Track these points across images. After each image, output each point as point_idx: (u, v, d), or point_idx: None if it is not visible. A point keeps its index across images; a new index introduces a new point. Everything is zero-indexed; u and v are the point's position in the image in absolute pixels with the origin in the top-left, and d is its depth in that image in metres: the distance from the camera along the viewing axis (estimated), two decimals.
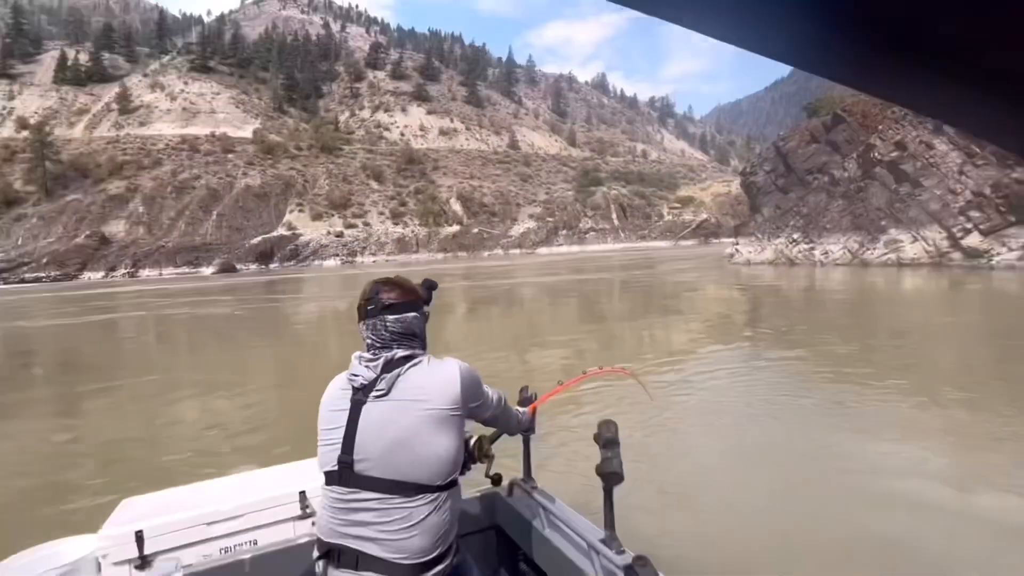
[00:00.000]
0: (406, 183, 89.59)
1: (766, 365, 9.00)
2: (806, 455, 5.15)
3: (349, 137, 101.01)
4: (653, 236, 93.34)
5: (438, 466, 1.42)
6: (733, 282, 25.97)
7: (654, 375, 8.34)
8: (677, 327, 13.85)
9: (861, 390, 7.26)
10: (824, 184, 35.44)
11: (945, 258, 27.93)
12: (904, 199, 30.63)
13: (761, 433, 5.89)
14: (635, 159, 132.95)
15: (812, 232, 34.53)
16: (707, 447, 5.53)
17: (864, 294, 19.69)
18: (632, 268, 38.44)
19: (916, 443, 5.39)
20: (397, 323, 1.50)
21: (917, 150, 30.79)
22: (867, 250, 31.10)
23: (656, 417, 6.23)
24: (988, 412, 6.21)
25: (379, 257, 74.56)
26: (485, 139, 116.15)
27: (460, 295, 25.44)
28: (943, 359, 9.18)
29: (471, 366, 1.55)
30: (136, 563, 2.26)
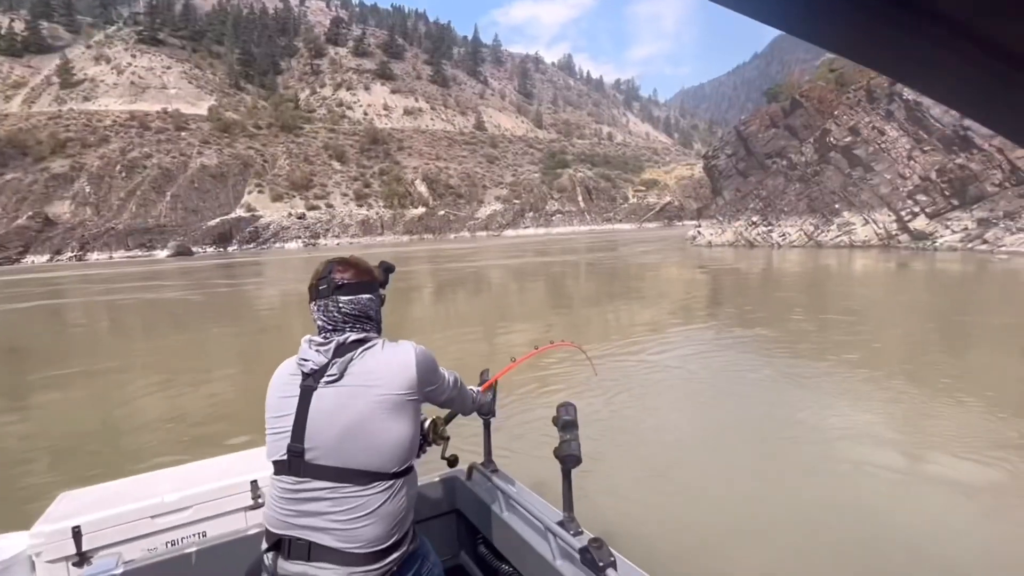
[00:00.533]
0: (370, 164, 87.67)
1: (728, 343, 9.23)
2: (764, 424, 5.35)
3: (310, 116, 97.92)
4: (618, 219, 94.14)
5: (393, 452, 1.37)
6: (695, 264, 26.48)
7: (619, 354, 8.47)
8: (641, 308, 14.04)
9: (816, 364, 7.55)
10: (782, 168, 36.33)
11: (894, 240, 29.13)
12: (857, 183, 31.70)
13: (723, 406, 6.09)
14: (601, 141, 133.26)
15: (770, 215, 35.44)
16: (671, 421, 5.64)
17: (819, 275, 20.38)
18: (597, 250, 38.77)
19: (865, 412, 5.65)
20: (350, 304, 1.44)
21: (870, 135, 31.81)
22: (822, 232, 32.14)
23: (621, 394, 6.34)
24: (929, 384, 6.52)
25: (343, 240, 73.09)
26: (451, 119, 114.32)
27: (427, 278, 25.20)
28: (890, 335, 9.58)
29: (427, 348, 1.49)
30: (74, 560, 2.15)
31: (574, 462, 1.71)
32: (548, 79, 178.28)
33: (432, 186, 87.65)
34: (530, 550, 1.85)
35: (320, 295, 1.45)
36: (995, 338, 9.12)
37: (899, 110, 31.44)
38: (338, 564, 1.32)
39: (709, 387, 6.87)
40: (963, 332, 9.82)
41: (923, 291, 15.70)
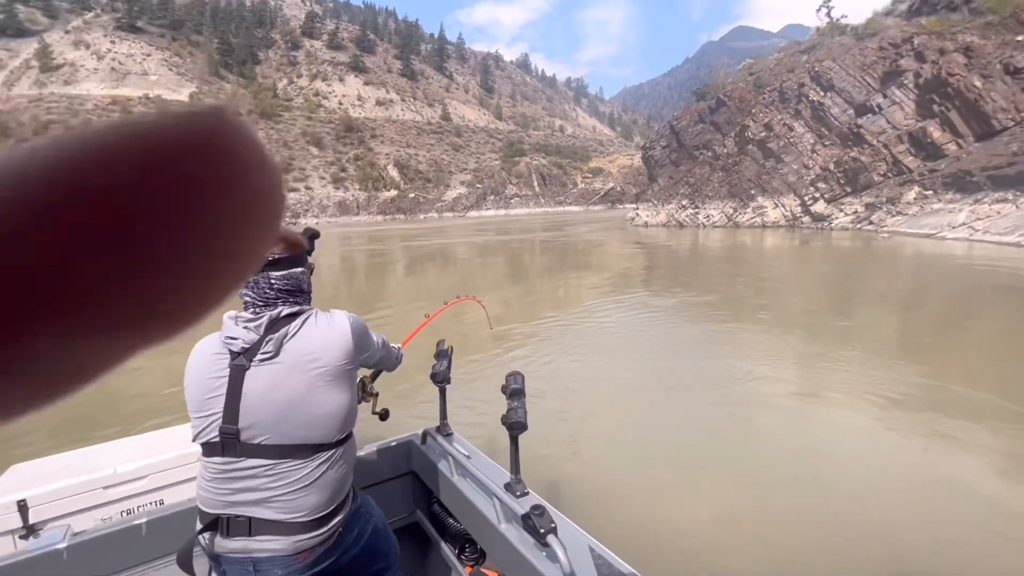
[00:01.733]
0: (345, 150, 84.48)
1: (658, 306, 9.32)
2: (688, 373, 5.41)
3: (288, 104, 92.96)
4: (568, 202, 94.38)
5: (335, 423, 1.24)
6: (633, 241, 26.79)
7: (568, 317, 8.44)
8: (587, 278, 14.08)
9: (733, 324, 7.71)
10: (708, 158, 36.91)
11: (798, 221, 30.20)
12: (769, 172, 32.54)
13: (654, 360, 6.12)
14: (554, 133, 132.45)
15: (697, 199, 36.10)
16: (611, 375, 5.64)
17: (736, 250, 20.92)
18: (551, 230, 38.73)
19: (770, 362, 5.80)
20: (283, 280, 1.26)
21: (781, 131, 32.57)
22: (739, 214, 32.99)
23: (569, 351, 6.30)
24: (824, 341, 6.74)
25: (322, 219, 70.57)
26: (419, 110, 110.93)
27: (400, 254, 24.65)
28: (793, 300, 9.90)
29: (356, 316, 1.36)
30: (20, 533, 1.88)
31: (520, 428, 1.62)
32: (507, 75, 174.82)
33: (403, 171, 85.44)
34: (477, 512, 1.75)
35: None
36: (876, 301, 9.54)
37: (805, 109, 32.25)
38: (282, 535, 1.19)
39: (646, 342, 6.92)
40: (851, 296, 10.24)
41: (821, 263, 16.33)
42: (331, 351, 1.24)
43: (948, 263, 14.95)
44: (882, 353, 6.08)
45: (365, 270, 19.25)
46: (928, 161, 25.52)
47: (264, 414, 1.18)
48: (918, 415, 4.47)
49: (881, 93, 28.87)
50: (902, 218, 24.34)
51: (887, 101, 28.30)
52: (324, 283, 16.06)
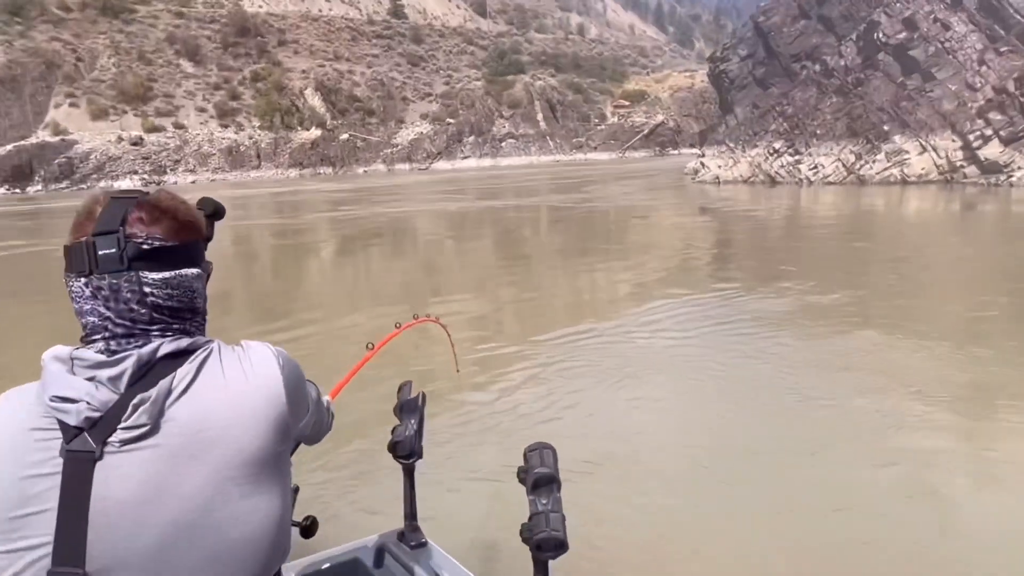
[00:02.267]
0: (238, 65, 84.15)
1: (760, 315, 9.11)
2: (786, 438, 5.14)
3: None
4: (593, 145, 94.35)
5: (258, 552, 1.08)
6: (697, 208, 26.60)
7: (606, 333, 8.22)
8: (626, 277, 13.88)
9: (846, 336, 7.49)
10: (815, 75, 36.78)
11: (958, 173, 30.11)
12: (912, 96, 32.46)
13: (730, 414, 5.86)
14: (568, 37, 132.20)
15: (798, 140, 36.00)
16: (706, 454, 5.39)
17: (865, 221, 20.76)
18: (566, 190, 38.57)
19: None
20: (165, 289, 1.08)
21: (930, 30, 32.46)
22: (866, 163, 32.88)
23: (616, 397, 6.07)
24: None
25: (201, 175, 70.45)
26: (355, 2, 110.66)
27: (326, 231, 24.43)
28: (943, 302, 9.69)
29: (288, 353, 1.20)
30: None
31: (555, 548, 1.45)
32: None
33: (330, 98, 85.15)
34: None
35: (99, 266, 1.03)
36: None
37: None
38: None
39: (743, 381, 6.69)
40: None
41: (995, 241, 16.16)
42: (252, 423, 1.06)
43: None
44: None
45: (271, 259, 18.99)
46: None
47: (134, 547, 0.98)
48: None
49: None
50: None
51: None
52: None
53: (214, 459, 1.02)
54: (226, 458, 1.03)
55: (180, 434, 1.01)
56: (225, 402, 1.06)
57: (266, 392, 1.09)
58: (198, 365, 1.07)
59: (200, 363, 1.07)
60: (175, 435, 1.01)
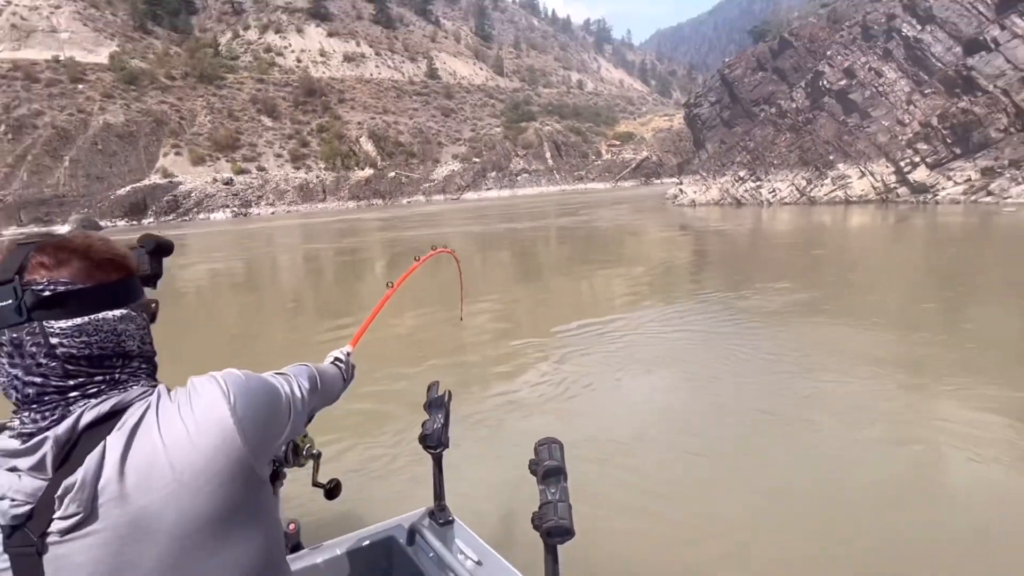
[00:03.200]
0: (306, 119, 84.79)
1: (723, 318, 8.92)
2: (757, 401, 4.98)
3: (233, 64, 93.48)
4: (591, 177, 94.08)
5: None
6: (677, 225, 26.33)
7: (598, 324, 8.07)
8: (617, 277, 13.69)
9: (809, 326, 7.29)
10: (771, 116, 36.40)
11: (892, 194, 29.57)
12: (852, 131, 31.99)
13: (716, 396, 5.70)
14: (570, 90, 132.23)
15: (759, 169, 35.59)
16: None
17: (814, 233, 20.40)
18: (569, 214, 38.35)
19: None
20: (79, 337, 0.81)
21: (866, 78, 31.99)
22: (815, 187, 32.43)
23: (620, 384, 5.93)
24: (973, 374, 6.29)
25: (279, 207, 70.87)
26: (399, 67, 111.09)
27: (378, 249, 24.45)
28: (886, 297, 9.43)
29: (244, 374, 0.92)
30: None
31: (563, 535, 1.33)
32: (509, 19, 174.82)
33: (380, 144, 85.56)
34: None
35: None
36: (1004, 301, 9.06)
37: (897, 48, 31.64)
38: None
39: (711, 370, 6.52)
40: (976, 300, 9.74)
41: (926, 248, 15.80)
42: (202, 484, 0.80)
43: None
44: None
45: (335, 271, 19.01)
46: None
47: None
48: None
49: (998, 23, 28.18)
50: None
51: (1006, 34, 27.62)
52: (284, 291, 15.82)
53: (166, 533, 0.78)
54: (181, 528, 0.79)
55: (121, 513, 0.76)
56: (167, 467, 0.78)
57: (216, 444, 0.81)
58: (130, 430, 0.79)
59: (132, 427, 0.80)
60: (116, 516, 0.76)
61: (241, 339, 10.26)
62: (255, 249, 27.85)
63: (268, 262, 22.45)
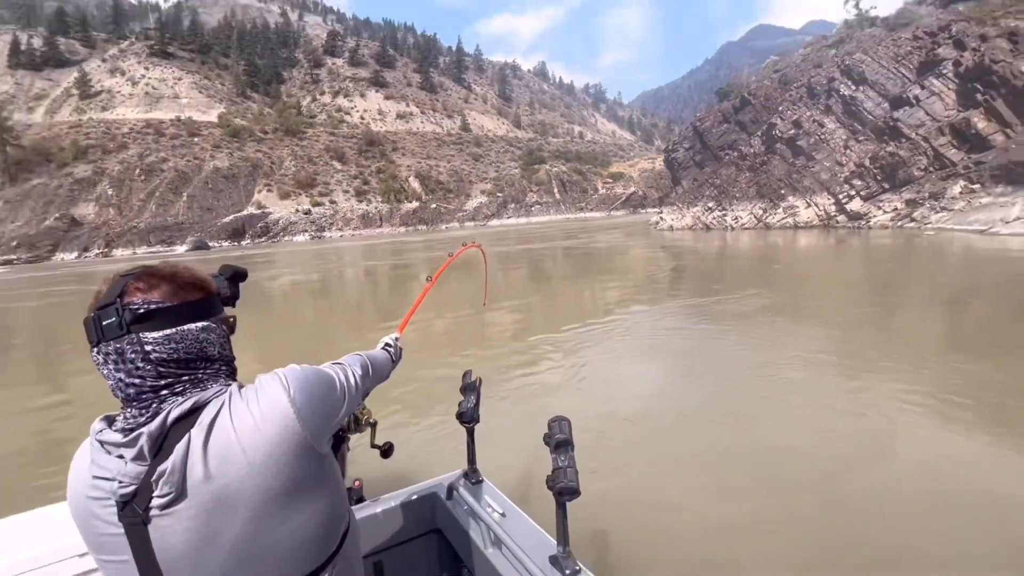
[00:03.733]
0: (368, 163, 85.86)
1: (692, 311, 8.80)
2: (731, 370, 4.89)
3: (312, 121, 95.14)
4: (589, 208, 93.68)
5: (316, 549, 0.87)
6: (659, 245, 26.10)
7: (601, 323, 8.00)
8: (613, 286, 13.59)
9: (772, 324, 7.14)
10: (734, 159, 35.97)
11: (832, 220, 29.01)
12: (800, 170, 31.46)
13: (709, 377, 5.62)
14: (573, 140, 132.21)
15: (724, 201, 35.15)
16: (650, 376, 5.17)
17: (768, 251, 20.09)
18: (573, 236, 38.23)
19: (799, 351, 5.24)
20: (167, 344, 0.81)
21: (811, 128, 31.49)
22: (769, 215, 31.94)
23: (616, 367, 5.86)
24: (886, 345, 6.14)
25: (346, 232, 71.69)
26: (439, 122, 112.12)
27: (422, 265, 24.59)
28: (831, 302, 9.22)
29: (302, 369, 0.89)
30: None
31: (571, 494, 1.31)
32: (525, 84, 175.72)
33: (424, 182, 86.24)
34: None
35: (105, 335, 0.79)
36: (918, 304, 8.81)
37: (836, 104, 31.13)
38: None
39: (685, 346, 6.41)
40: (898, 304, 9.49)
41: (861, 263, 15.45)
42: (271, 464, 0.79)
43: (1008, 256, 13.91)
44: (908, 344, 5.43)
45: (388, 283, 19.18)
46: (973, 153, 24.17)
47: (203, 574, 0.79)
48: None
49: (918, 84, 27.60)
50: (948, 214, 23.05)
51: (925, 92, 27.03)
52: (347, 296, 15.99)
53: (244, 505, 0.78)
54: (255, 501, 0.78)
55: (207, 491, 0.77)
56: (240, 453, 0.78)
57: (280, 431, 0.80)
58: (209, 423, 0.79)
59: (211, 421, 0.79)
60: (202, 494, 0.77)
61: (316, 332, 10.39)
62: (327, 264, 28.19)
63: (337, 274, 22.71)
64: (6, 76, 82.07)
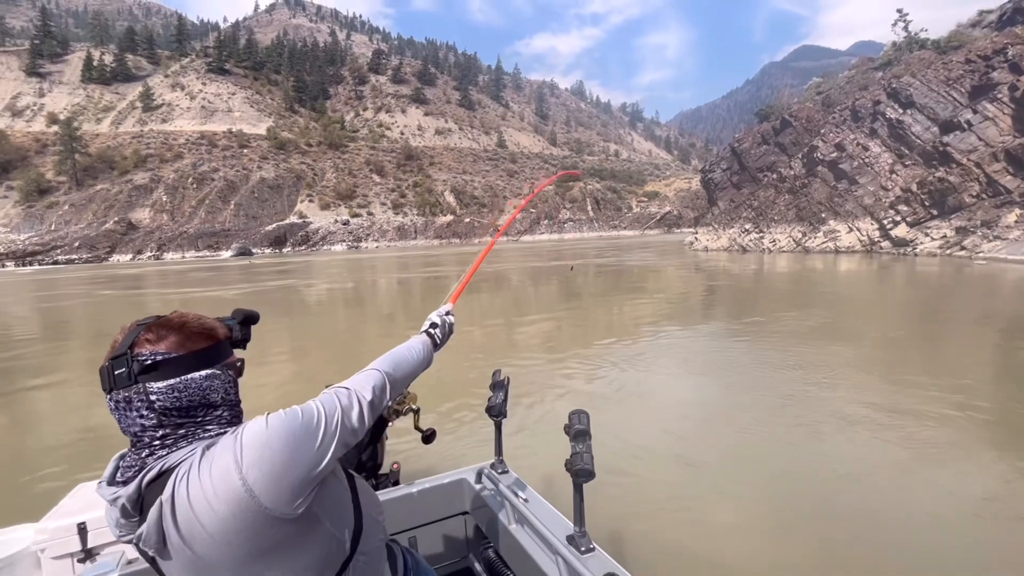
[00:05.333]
0: (405, 177, 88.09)
1: (725, 336, 8.75)
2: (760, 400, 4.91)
3: (354, 135, 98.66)
4: (623, 226, 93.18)
5: None
6: (693, 266, 25.78)
7: (631, 342, 8.07)
8: (643, 306, 13.56)
9: (807, 348, 7.06)
10: (773, 181, 35.34)
11: (876, 246, 28.05)
12: (842, 194, 30.65)
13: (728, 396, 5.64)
14: (608, 158, 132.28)
15: (762, 223, 34.49)
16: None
17: (806, 275, 19.60)
18: (606, 255, 38.15)
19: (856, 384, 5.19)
20: (170, 394, 0.83)
21: (854, 151, 30.71)
22: (809, 239, 31.15)
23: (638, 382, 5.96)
24: (920, 384, 6.00)
25: (381, 243, 73.44)
26: (476, 138, 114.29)
27: (455, 278, 24.93)
28: (876, 334, 9.00)
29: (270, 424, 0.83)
30: (79, 557, 1.85)
31: (587, 476, 1.43)
32: (562, 103, 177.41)
33: (459, 196, 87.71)
34: (536, 568, 1.58)
35: (117, 384, 0.82)
36: (971, 331, 8.49)
37: (882, 128, 30.30)
38: None
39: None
40: (950, 335, 9.17)
41: (910, 290, 14.92)
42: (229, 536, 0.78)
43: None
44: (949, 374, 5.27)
45: (422, 292, 19.59)
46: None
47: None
48: None
49: (970, 108, 26.63)
50: (1001, 243, 22.00)
51: (978, 117, 26.05)
52: (380, 304, 16.46)
53: (225, 569, 0.80)
54: (230, 565, 0.80)
55: (185, 555, 0.79)
56: (199, 527, 0.77)
57: (232, 509, 0.77)
58: (171, 494, 0.78)
59: (172, 492, 0.78)
60: (183, 556, 0.79)
61: (348, 337, 10.77)
62: (363, 272, 29.04)
63: (371, 282, 23.37)
64: (79, 90, 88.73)
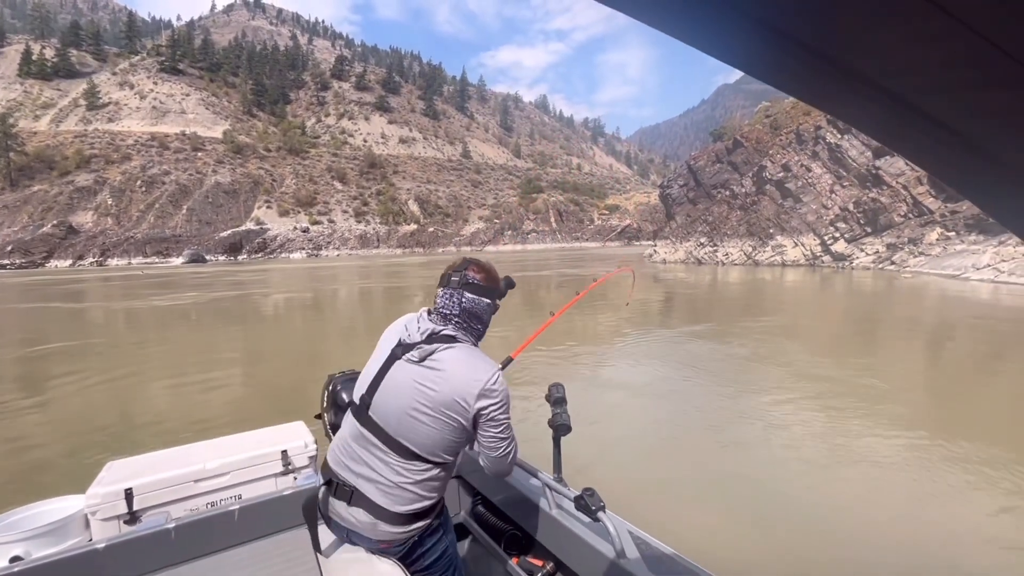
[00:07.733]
0: (368, 185, 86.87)
1: (681, 338, 9.40)
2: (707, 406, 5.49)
3: (315, 141, 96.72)
4: (585, 238, 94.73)
5: (432, 448, 1.29)
6: (652, 277, 26.80)
7: (600, 349, 8.55)
8: (608, 315, 14.16)
9: (755, 347, 7.76)
10: (726, 197, 37.23)
11: (818, 260, 30.06)
12: (788, 211, 32.68)
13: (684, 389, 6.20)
14: (571, 171, 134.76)
15: (716, 237, 36.23)
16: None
17: (756, 286, 20.86)
18: (569, 265, 38.98)
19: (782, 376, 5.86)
20: (472, 302, 1.38)
21: (799, 171, 32.88)
22: (758, 252, 32.99)
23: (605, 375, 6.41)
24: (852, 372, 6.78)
25: (343, 251, 72.02)
26: (440, 148, 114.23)
27: (417, 285, 24.96)
28: (814, 333, 9.89)
29: (505, 383, 1.32)
30: (125, 518, 2.13)
31: (565, 431, 1.74)
32: (526, 116, 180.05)
33: (423, 206, 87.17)
34: (527, 502, 1.90)
35: (450, 284, 1.39)
36: (896, 334, 9.51)
37: (823, 151, 32.62)
38: (370, 514, 1.28)
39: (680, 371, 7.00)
40: (873, 334, 10.20)
41: (845, 299, 16.22)
42: (445, 392, 1.27)
43: (972, 299, 14.75)
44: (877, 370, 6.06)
45: (382, 302, 19.53)
46: (949, 203, 25.47)
47: (387, 405, 1.30)
48: None
49: None
50: (924, 259, 24.14)
51: None
52: (340, 315, 16.40)
53: (425, 392, 1.28)
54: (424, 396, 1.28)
55: (423, 373, 1.29)
56: (446, 373, 1.28)
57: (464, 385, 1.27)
58: (444, 349, 1.31)
59: (445, 349, 1.31)
60: (422, 372, 1.29)
61: (309, 349, 10.80)
62: (323, 283, 28.60)
63: (331, 293, 23.10)
64: (15, 84, 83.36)
